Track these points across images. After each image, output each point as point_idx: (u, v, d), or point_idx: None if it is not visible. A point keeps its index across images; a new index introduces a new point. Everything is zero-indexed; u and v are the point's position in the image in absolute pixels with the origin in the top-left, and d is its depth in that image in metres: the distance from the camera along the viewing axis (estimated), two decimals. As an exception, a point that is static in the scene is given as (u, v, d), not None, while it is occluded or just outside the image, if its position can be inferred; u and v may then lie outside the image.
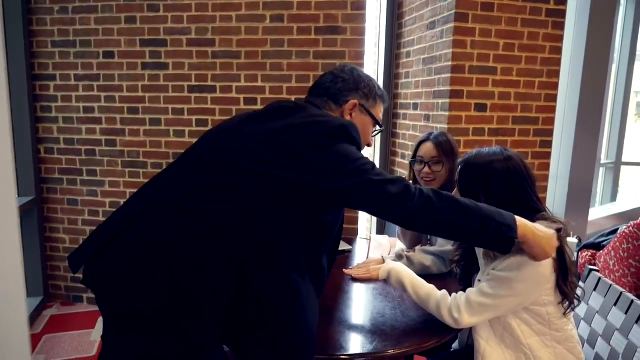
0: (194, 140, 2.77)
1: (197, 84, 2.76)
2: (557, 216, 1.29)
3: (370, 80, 1.28)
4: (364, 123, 1.26)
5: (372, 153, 3.34)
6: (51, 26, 2.79)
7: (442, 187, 1.75)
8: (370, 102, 1.27)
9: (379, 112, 1.31)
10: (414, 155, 1.83)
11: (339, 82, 1.24)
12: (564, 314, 1.27)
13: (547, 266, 1.21)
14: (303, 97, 2.76)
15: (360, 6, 2.62)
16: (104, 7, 2.73)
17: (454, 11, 2.34)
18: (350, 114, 1.25)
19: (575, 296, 1.27)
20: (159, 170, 2.79)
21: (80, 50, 2.80)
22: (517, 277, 1.20)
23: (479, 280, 1.34)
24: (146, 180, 1.19)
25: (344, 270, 1.66)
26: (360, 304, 1.53)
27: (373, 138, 1.35)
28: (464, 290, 1.33)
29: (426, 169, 1.77)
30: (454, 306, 1.27)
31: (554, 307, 1.26)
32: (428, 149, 1.77)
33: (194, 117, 2.79)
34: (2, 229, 0.34)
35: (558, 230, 1.22)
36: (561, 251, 1.22)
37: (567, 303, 1.25)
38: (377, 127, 1.33)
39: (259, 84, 2.72)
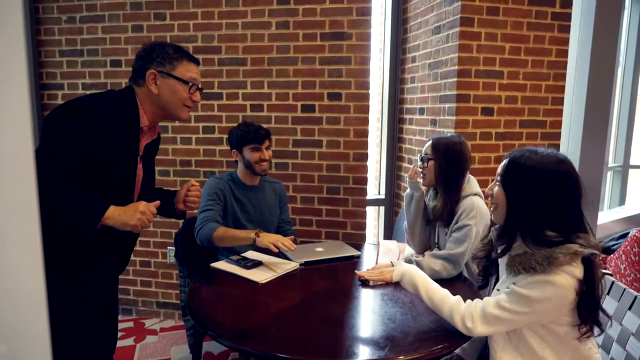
0: (201, 147, 2.81)
1: (203, 91, 2.77)
2: (592, 239, 1.18)
3: (163, 48, 1.37)
4: (171, 86, 1.36)
5: (378, 159, 3.33)
6: (59, 36, 2.82)
7: (436, 182, 1.87)
8: (167, 66, 1.36)
9: (185, 71, 1.38)
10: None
11: (139, 60, 1.37)
12: (578, 339, 1.19)
13: (570, 289, 1.13)
14: (309, 103, 2.76)
15: (365, 12, 2.62)
16: (111, 16, 2.76)
17: (459, 15, 2.34)
18: (155, 83, 1.35)
19: (599, 324, 1.18)
20: (167, 178, 2.81)
21: (87, 59, 2.82)
22: (538, 296, 1.14)
23: (498, 290, 1.31)
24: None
25: (355, 272, 1.65)
26: (371, 310, 1.51)
27: (196, 95, 1.44)
28: (481, 284, 1.30)
29: (420, 164, 1.93)
30: (467, 315, 1.25)
31: (571, 328, 1.19)
32: (426, 146, 1.91)
33: (200, 125, 2.80)
34: (22, 229, 0.33)
35: (589, 255, 1.13)
36: (591, 276, 1.13)
37: (585, 329, 1.17)
38: (191, 85, 1.39)
39: (265, 90, 2.73)
